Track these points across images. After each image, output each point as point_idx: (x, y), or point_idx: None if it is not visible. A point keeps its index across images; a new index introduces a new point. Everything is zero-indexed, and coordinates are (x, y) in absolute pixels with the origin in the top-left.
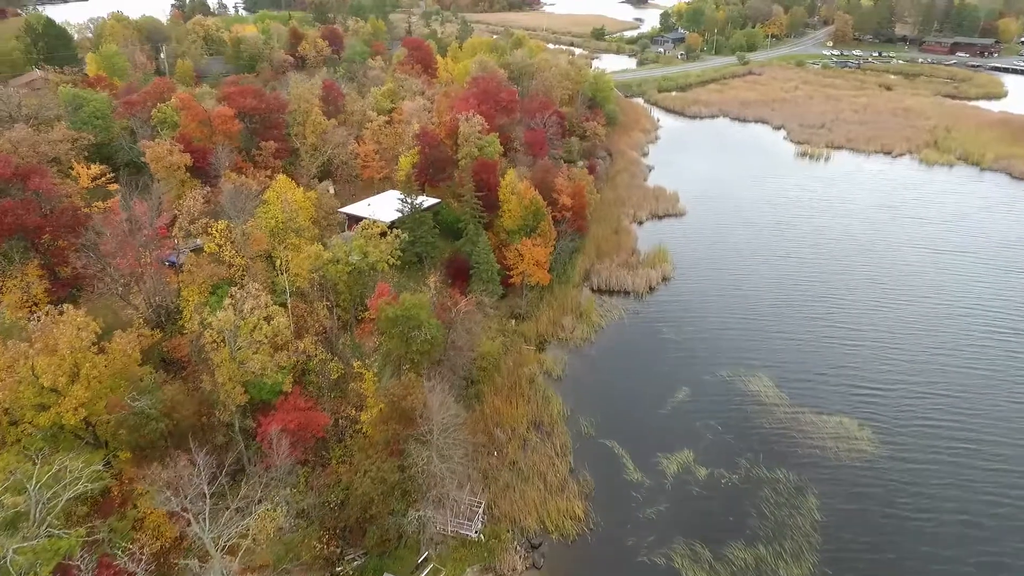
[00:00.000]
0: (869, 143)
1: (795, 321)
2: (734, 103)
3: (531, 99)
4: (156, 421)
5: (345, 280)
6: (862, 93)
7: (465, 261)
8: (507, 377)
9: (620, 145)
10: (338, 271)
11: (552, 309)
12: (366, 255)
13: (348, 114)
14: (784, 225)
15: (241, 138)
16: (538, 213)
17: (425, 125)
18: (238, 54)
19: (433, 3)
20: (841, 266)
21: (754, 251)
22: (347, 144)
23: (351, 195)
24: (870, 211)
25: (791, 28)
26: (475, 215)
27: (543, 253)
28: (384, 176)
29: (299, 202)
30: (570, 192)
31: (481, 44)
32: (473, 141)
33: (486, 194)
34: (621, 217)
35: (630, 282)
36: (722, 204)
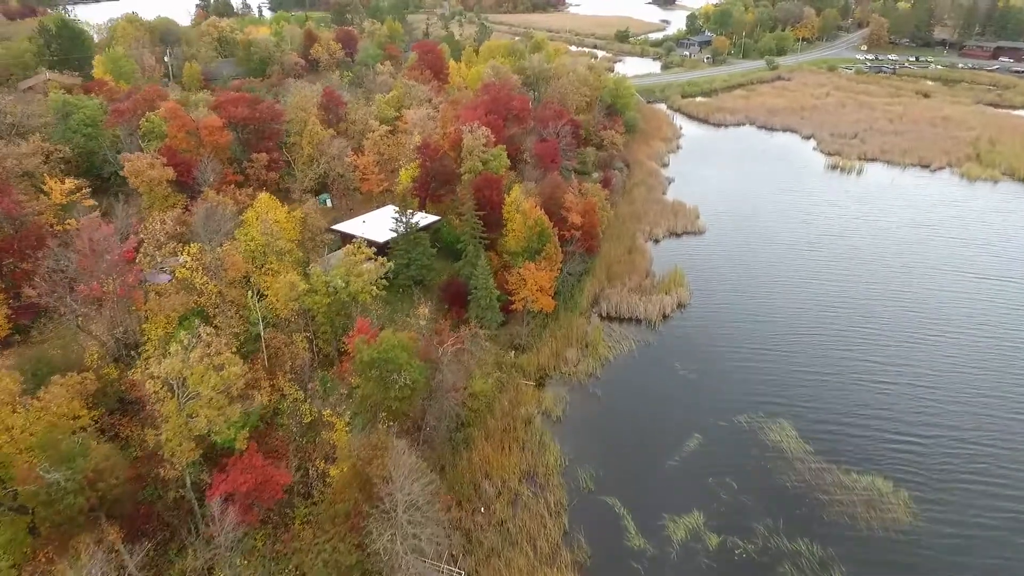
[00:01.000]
0: (905, 155)
1: (821, 356)
2: (761, 110)
3: (545, 107)
4: (75, 495)
5: (324, 311)
6: (897, 101)
7: (463, 285)
8: (501, 419)
9: (639, 155)
10: (316, 302)
11: (556, 339)
12: (347, 284)
13: (350, 123)
14: (811, 245)
15: (233, 149)
16: (543, 235)
17: (428, 136)
18: (249, 57)
19: (456, 4)
20: (873, 292)
21: (778, 274)
22: (344, 155)
23: (348, 209)
24: (905, 230)
25: (823, 31)
26: (475, 235)
27: (547, 278)
28: (384, 189)
29: (282, 223)
30: (580, 210)
31: (498, 48)
32: (477, 155)
33: (489, 212)
34: (636, 235)
35: (642, 309)
36: (745, 221)
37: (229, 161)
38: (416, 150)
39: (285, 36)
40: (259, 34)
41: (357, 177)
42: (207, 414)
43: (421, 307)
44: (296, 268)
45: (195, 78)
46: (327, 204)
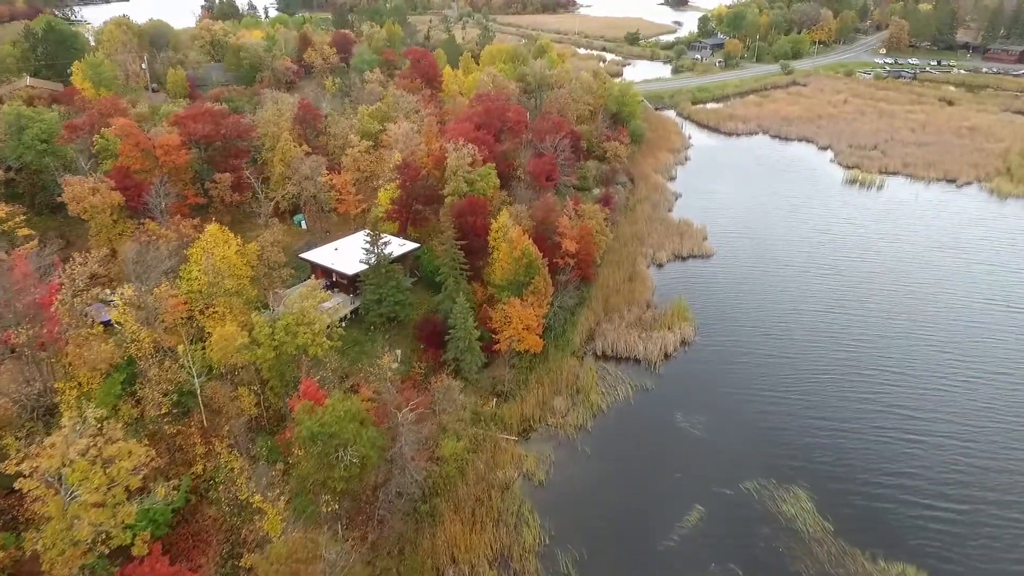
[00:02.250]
0: (929, 169)
1: (840, 404)
2: (775, 118)
3: (543, 118)
4: None
5: (270, 364)
6: (919, 108)
7: (441, 324)
8: (475, 485)
9: (644, 168)
10: (259, 356)
11: (543, 385)
12: (294, 336)
13: (329, 137)
14: (828, 269)
15: (197, 169)
16: (531, 267)
17: (412, 153)
18: (238, 62)
19: (465, 5)
20: (898, 327)
21: (791, 305)
22: (317, 175)
23: (324, 232)
24: (931, 253)
25: (840, 34)
26: (455, 267)
27: (535, 315)
28: (364, 210)
29: (232, 258)
30: (575, 236)
31: (500, 52)
32: (461, 175)
33: (473, 239)
34: (638, 259)
35: (642, 348)
36: (756, 242)
37: (193, 181)
38: (395, 169)
39: (278, 40)
40: (252, 38)
41: (333, 197)
42: (93, 517)
43: (386, 357)
44: (247, 310)
45: (180, 85)
46: (302, 226)
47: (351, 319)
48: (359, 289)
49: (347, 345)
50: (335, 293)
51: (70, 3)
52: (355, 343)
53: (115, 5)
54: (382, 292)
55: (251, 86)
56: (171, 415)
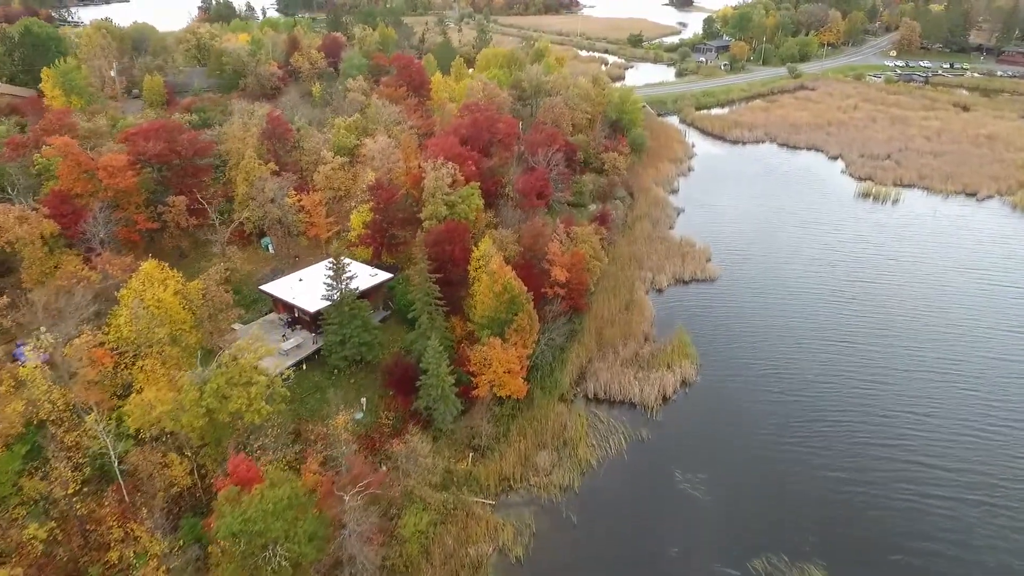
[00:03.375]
0: (947, 181)
1: (860, 457)
2: (782, 125)
3: (536, 130)
4: None
5: (200, 430)
6: (934, 114)
7: (412, 367)
8: (441, 566)
9: (645, 180)
10: (185, 424)
11: (526, 436)
12: (225, 400)
13: (302, 153)
14: (841, 295)
15: (152, 190)
16: (514, 303)
17: (389, 170)
18: (221, 67)
19: (466, 5)
20: (918, 362)
21: (803, 337)
22: (283, 196)
23: (293, 258)
24: (950, 274)
25: (849, 35)
26: (429, 302)
27: (518, 357)
28: (336, 233)
29: (168, 302)
30: (566, 262)
31: (496, 56)
32: (440, 197)
33: (451, 268)
34: (636, 284)
35: (638, 391)
36: (763, 263)
37: (147, 204)
38: (368, 190)
39: (264, 44)
40: (237, 42)
41: (302, 220)
42: None
43: (341, 417)
44: (187, 358)
45: (157, 92)
46: (269, 250)
47: (314, 360)
48: (322, 328)
49: (306, 391)
50: (297, 330)
51: (68, 4)
52: (316, 389)
53: (115, 6)
54: (345, 332)
55: (231, 93)
56: (84, 491)
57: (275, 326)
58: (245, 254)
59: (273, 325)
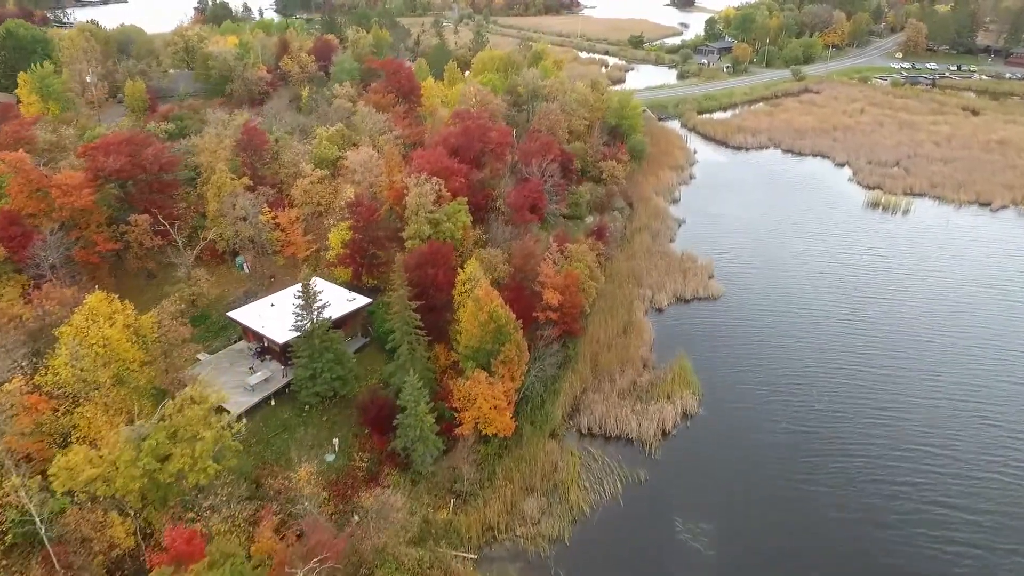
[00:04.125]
0: (959, 190)
1: (874, 502)
2: (787, 130)
3: (530, 138)
4: None
5: (140, 491)
6: (943, 119)
7: (390, 404)
8: None
9: (645, 189)
10: (119, 488)
11: (512, 481)
12: (165, 460)
13: (280, 165)
14: (850, 314)
15: (114, 208)
16: (501, 333)
17: (371, 185)
18: (207, 71)
19: (466, 6)
20: (935, 389)
21: (811, 361)
22: (256, 214)
23: (268, 278)
24: (967, 291)
25: (853, 37)
26: (409, 332)
27: (505, 392)
28: (315, 252)
29: (114, 340)
30: (559, 284)
31: (492, 59)
32: (423, 216)
33: (434, 295)
34: (634, 303)
35: (635, 425)
36: (768, 279)
37: (109, 223)
38: (347, 207)
39: (254, 47)
40: (225, 45)
41: (278, 238)
42: None
43: (303, 470)
44: (139, 399)
45: (140, 98)
46: (244, 270)
47: (285, 393)
48: (292, 360)
49: (273, 431)
50: (267, 361)
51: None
52: (284, 427)
53: (112, 7)
54: (316, 367)
55: (218, 98)
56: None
57: (244, 356)
58: (217, 275)
59: (242, 355)
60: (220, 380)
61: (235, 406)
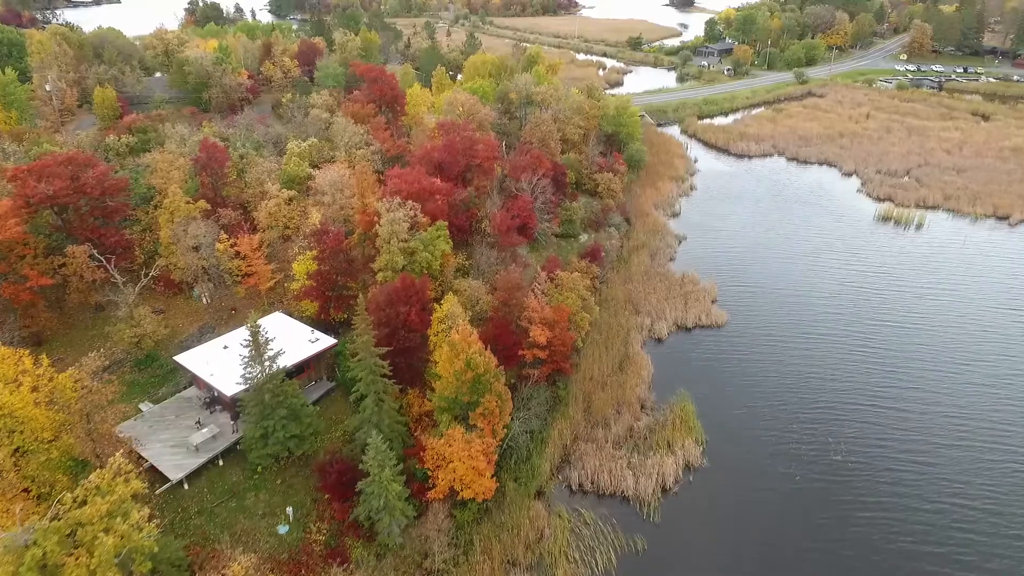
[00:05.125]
0: (975, 203)
1: (901, 567)
2: (791, 137)
3: (521, 151)
4: None
5: None
6: (952, 124)
7: (352, 467)
8: None
9: (643, 202)
10: None
11: (491, 556)
12: (58, 569)
13: (244, 185)
14: (866, 341)
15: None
16: (480, 383)
17: (341, 208)
18: (183, 77)
19: (462, 7)
20: (959, 429)
21: (822, 395)
22: (210, 242)
23: (230, 311)
24: (989, 315)
25: (856, 38)
26: (374, 380)
27: (484, 451)
28: (280, 282)
29: (16, 406)
30: (548, 319)
31: (484, 64)
32: (396, 245)
33: (406, 336)
34: (631, 334)
35: (632, 482)
36: (775, 304)
37: (46, 254)
38: (312, 235)
39: (236, 50)
40: (203, 49)
41: (238, 267)
42: None
43: (237, 565)
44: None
45: (110, 106)
46: (202, 300)
47: (237, 450)
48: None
49: (219, 498)
50: (217, 412)
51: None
52: (232, 494)
53: (104, 8)
54: (267, 425)
55: (196, 105)
56: None
57: (194, 406)
58: (172, 307)
59: (191, 404)
60: (161, 437)
61: (175, 470)
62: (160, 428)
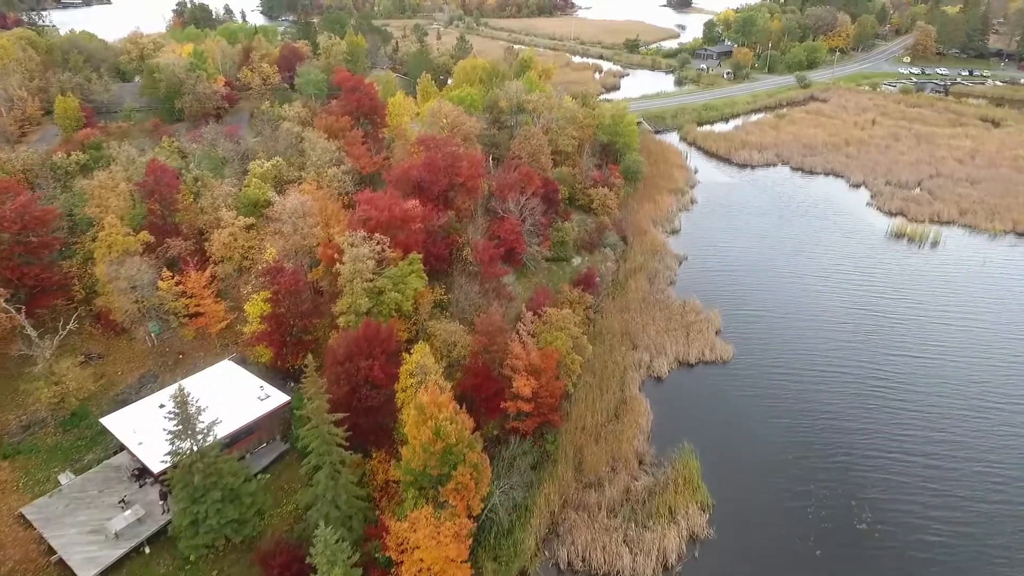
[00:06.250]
0: (993, 218)
1: None
2: (795, 145)
3: (508, 168)
4: None
5: None
6: (963, 131)
7: (299, 554)
8: None
9: (640, 218)
10: None
11: None
12: None
13: (198, 212)
14: (887, 378)
15: None
16: (451, 455)
17: (303, 238)
18: (154, 84)
19: (457, 8)
20: (991, 486)
21: (844, 449)
22: (150, 281)
23: (176, 356)
24: (1018, 344)
25: (858, 40)
26: (328, 451)
27: (456, 535)
28: (232, 322)
29: None
30: (534, 364)
31: (475, 69)
32: (360, 286)
33: (368, 394)
34: (628, 373)
35: (629, 560)
36: (785, 334)
37: None
38: (264, 274)
39: (213, 55)
40: (176, 55)
41: (185, 306)
42: None
43: None
44: None
45: (72, 116)
46: (147, 343)
47: (167, 534)
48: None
49: None
50: (148, 486)
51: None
52: None
53: (95, 8)
54: (199, 511)
55: (167, 115)
56: None
57: (123, 477)
58: (113, 351)
59: (120, 475)
60: (78, 519)
61: (87, 566)
62: (79, 507)
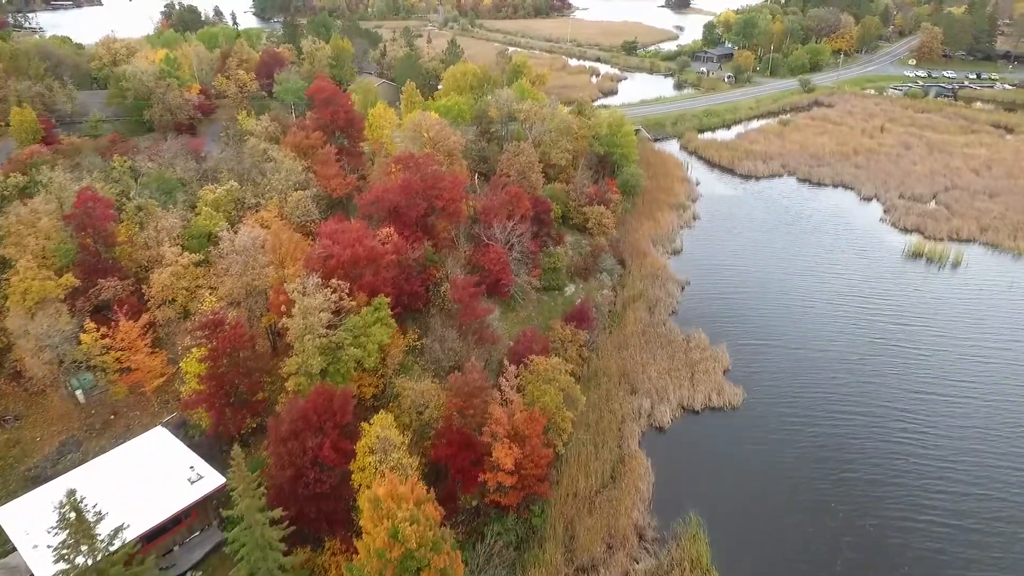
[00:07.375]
0: (1016, 235)
1: None
2: (801, 155)
3: (495, 189)
4: None
5: None
6: (976, 139)
7: None
8: None
9: (639, 238)
10: None
11: None
12: None
13: (136, 247)
14: (913, 423)
15: None
16: (413, 559)
17: (252, 280)
18: (121, 94)
19: (452, 10)
20: None
21: (872, 511)
22: (66, 334)
23: (108, 416)
24: None
25: (862, 42)
26: (266, 558)
27: None
28: (169, 379)
29: None
30: (517, 429)
31: (465, 75)
32: (311, 344)
33: (319, 477)
34: (626, 424)
35: None
36: (800, 372)
37: None
38: (201, 327)
39: (189, 61)
40: (147, 62)
41: (113, 360)
42: None
43: None
44: None
45: (29, 129)
46: (77, 398)
47: None
48: None
49: None
50: None
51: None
52: None
53: (85, 10)
54: None
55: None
56: None
57: None
58: (33, 411)
59: (18, 574)
60: None
61: None
62: None
